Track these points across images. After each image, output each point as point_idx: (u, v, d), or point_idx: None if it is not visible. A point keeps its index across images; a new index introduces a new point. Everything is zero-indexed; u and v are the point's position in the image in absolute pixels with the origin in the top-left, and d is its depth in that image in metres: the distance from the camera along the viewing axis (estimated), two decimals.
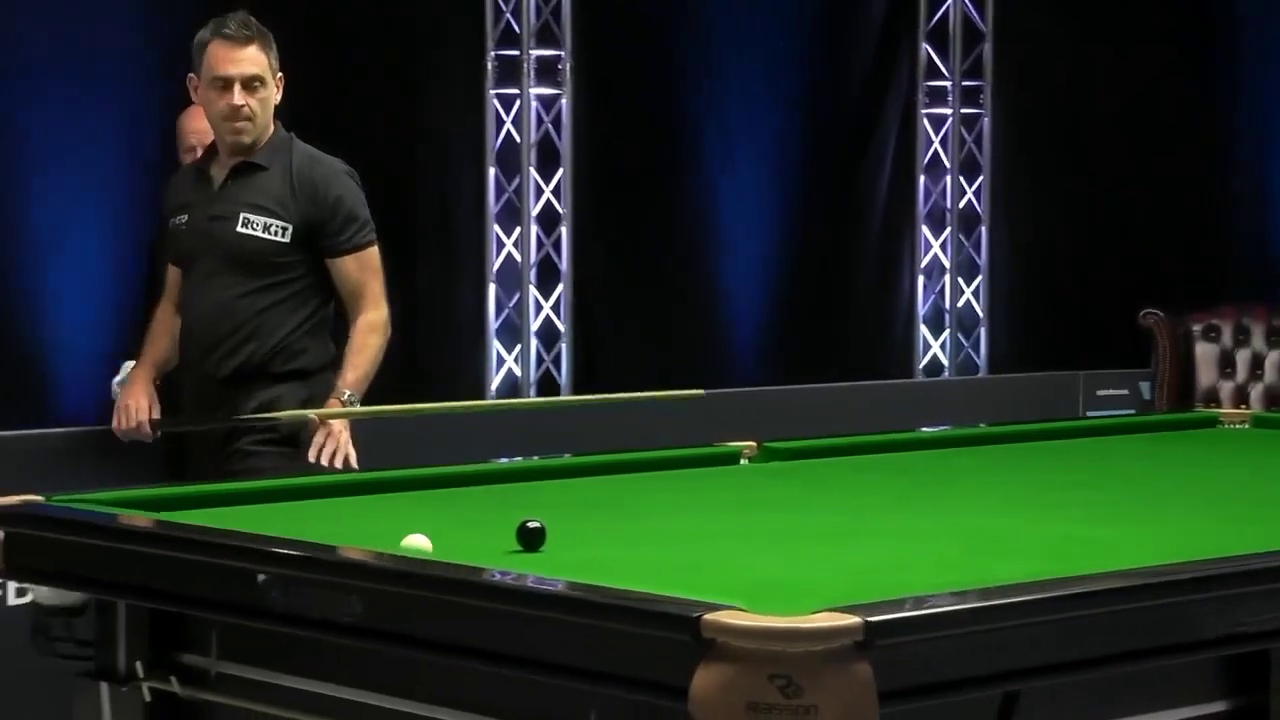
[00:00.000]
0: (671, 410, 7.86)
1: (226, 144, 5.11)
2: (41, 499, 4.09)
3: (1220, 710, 3.46)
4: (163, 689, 3.89)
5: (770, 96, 9.08)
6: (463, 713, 3.39)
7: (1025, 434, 5.72)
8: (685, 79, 8.90)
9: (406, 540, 3.68)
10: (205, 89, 5.04)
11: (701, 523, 4.15)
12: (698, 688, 2.81)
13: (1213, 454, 5.45)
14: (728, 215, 8.96)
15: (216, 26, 5.07)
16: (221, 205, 5.10)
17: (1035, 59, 9.58)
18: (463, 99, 8.36)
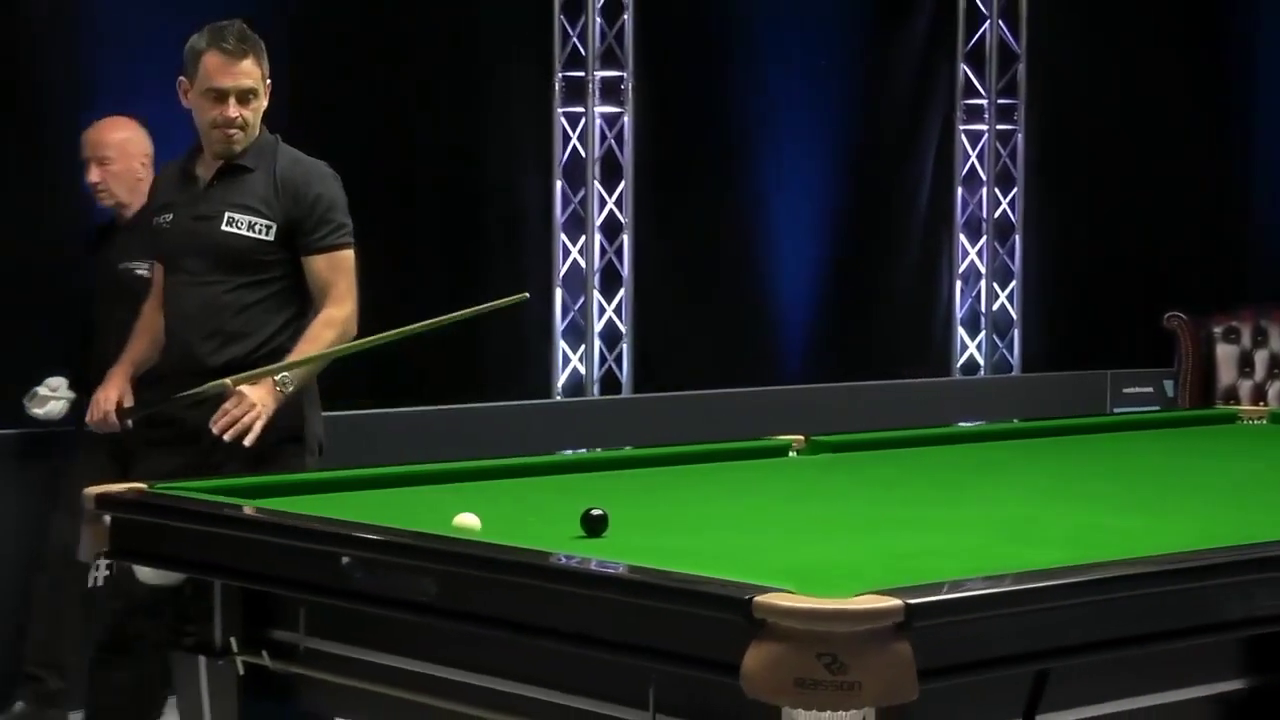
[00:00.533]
0: (726, 406, 7.86)
1: (215, 150, 4.91)
2: (145, 487, 4.12)
3: (1239, 689, 3.44)
4: (255, 662, 3.91)
5: (817, 114, 9.07)
6: (530, 686, 3.39)
7: (1056, 429, 5.70)
8: (738, 98, 8.89)
9: (457, 519, 3.70)
10: (199, 97, 4.84)
11: (753, 511, 4.15)
12: (749, 665, 2.81)
13: (1232, 448, 5.43)
14: (777, 224, 8.95)
15: (213, 37, 4.84)
16: (207, 205, 4.90)
17: (1065, 78, 9.56)
18: (532, 116, 8.37)
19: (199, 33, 4.87)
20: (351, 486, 4.26)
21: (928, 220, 9.49)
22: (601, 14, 8.37)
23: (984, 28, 9.49)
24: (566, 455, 4.97)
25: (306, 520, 3.76)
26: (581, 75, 8.39)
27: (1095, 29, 9.54)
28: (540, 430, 7.24)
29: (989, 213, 9.56)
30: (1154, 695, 3.32)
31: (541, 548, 3.35)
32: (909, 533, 3.79)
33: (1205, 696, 3.39)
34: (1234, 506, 4.16)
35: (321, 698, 3.86)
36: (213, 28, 4.85)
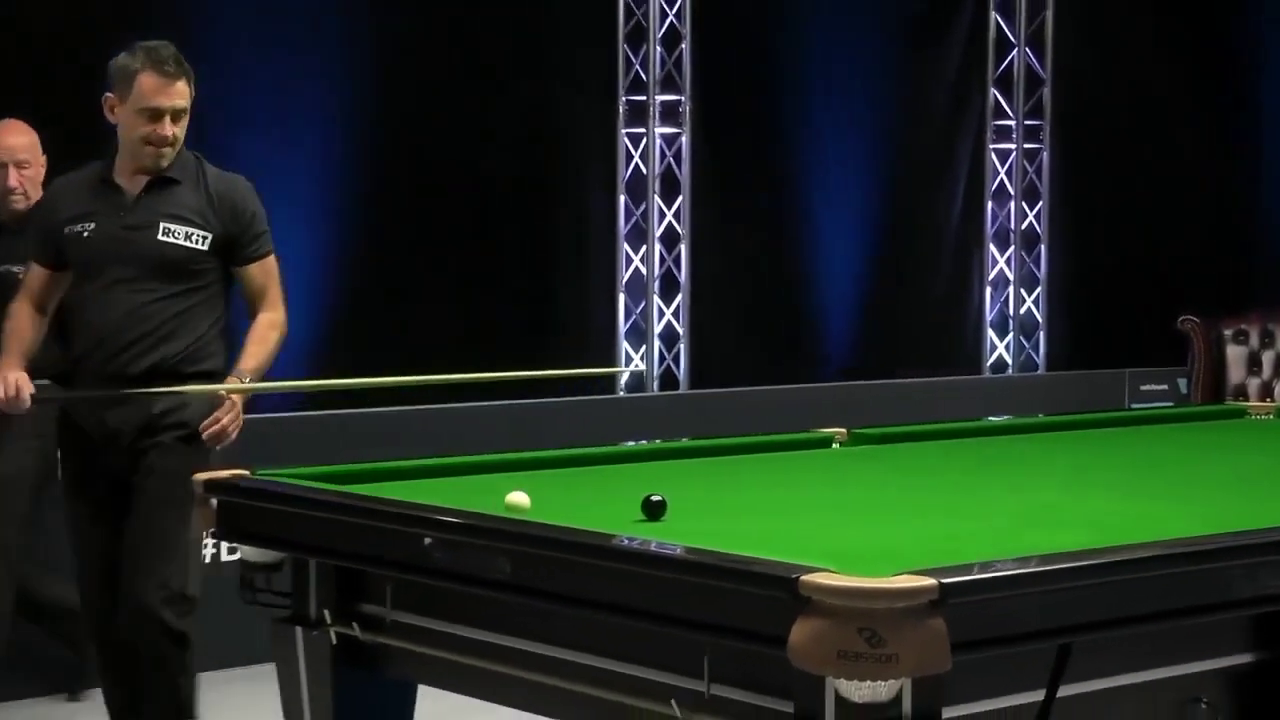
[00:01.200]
0: (774, 401, 7.85)
1: (145, 165, 4.62)
2: (248, 473, 4.14)
3: (1247, 662, 3.42)
4: (346, 633, 3.92)
5: (859, 134, 9.06)
6: (594, 656, 3.40)
7: (1078, 423, 5.67)
8: (786, 119, 8.88)
9: (509, 497, 3.70)
10: (131, 114, 4.54)
11: (799, 497, 4.15)
12: (795, 638, 2.81)
13: (1241, 442, 5.39)
14: (823, 236, 8.95)
15: (149, 58, 4.54)
16: (138, 215, 4.63)
17: (1087, 101, 9.54)
18: (598, 137, 8.39)
19: (129, 53, 4.57)
20: (434, 474, 4.27)
21: (960, 232, 9.48)
22: (661, 43, 8.38)
23: (1012, 55, 9.46)
24: (629, 446, 4.97)
25: (393, 505, 3.77)
26: (643, 99, 8.40)
27: (1115, 55, 9.51)
28: (605, 423, 7.24)
29: (1016, 225, 9.54)
30: (1168, 668, 3.30)
31: (606, 530, 3.36)
32: (942, 517, 3.78)
33: (1215, 670, 3.38)
34: (1242, 494, 4.14)
35: (406, 666, 3.87)
36: (145, 49, 4.57)
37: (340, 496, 3.92)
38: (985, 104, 9.48)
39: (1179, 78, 9.55)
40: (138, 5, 7.02)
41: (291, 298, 7.15)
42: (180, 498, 4.49)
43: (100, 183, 4.66)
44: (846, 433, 5.06)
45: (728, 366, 8.54)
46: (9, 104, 6.59)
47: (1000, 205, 9.55)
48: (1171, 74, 9.54)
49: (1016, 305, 9.57)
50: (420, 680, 3.97)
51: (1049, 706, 3.03)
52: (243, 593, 4.10)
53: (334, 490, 3.99)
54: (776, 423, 5.76)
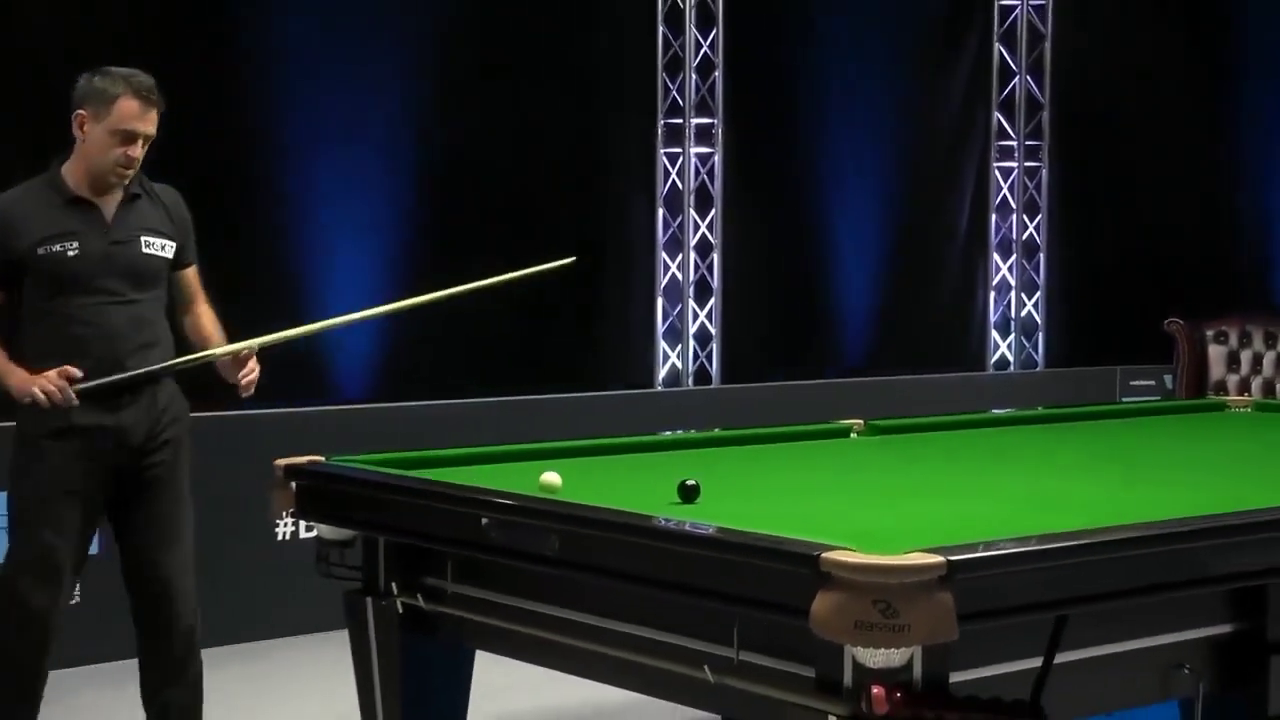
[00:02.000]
0: (797, 395, 7.85)
1: (110, 182, 4.35)
2: (323, 459, 4.15)
3: (1226, 632, 3.40)
4: (411, 603, 3.93)
5: (874, 153, 9.04)
6: (634, 625, 3.40)
7: (1073, 415, 5.66)
8: (808, 139, 8.87)
9: (543, 476, 3.70)
10: (104, 134, 4.27)
11: (820, 482, 4.14)
12: (816, 609, 2.80)
13: (1221, 432, 5.36)
14: (841, 244, 8.93)
15: (129, 83, 4.29)
16: (119, 231, 4.37)
17: (1083, 124, 9.49)
18: (639, 156, 8.40)
19: (105, 75, 4.30)
20: (489, 461, 4.28)
21: (966, 241, 9.46)
22: (696, 72, 8.38)
23: (1014, 82, 9.43)
24: (666, 435, 4.97)
25: (453, 488, 3.78)
26: (679, 122, 8.40)
27: (1108, 83, 9.47)
28: (645, 415, 7.25)
29: (1018, 235, 9.51)
30: (1155, 638, 3.29)
31: (645, 511, 3.36)
32: (950, 501, 3.77)
33: (1197, 639, 3.36)
34: (1222, 480, 4.12)
35: (464, 633, 3.88)
36: (124, 75, 4.30)
37: (406, 480, 3.93)
38: (989, 126, 9.45)
39: (1166, 104, 9.51)
40: (211, 34, 7.04)
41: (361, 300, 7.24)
42: (187, 488, 4.55)
43: (68, 202, 4.35)
44: (863, 424, 5.05)
45: (756, 363, 8.54)
46: None
47: (1003, 217, 9.52)
48: (1159, 101, 9.50)
49: (1018, 308, 9.54)
50: (477, 646, 3.98)
51: (1047, 672, 3.02)
52: (318, 566, 4.11)
53: (400, 475, 4.00)
54: (799, 414, 5.75)
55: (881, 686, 2.81)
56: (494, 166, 7.77)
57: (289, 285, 7.16)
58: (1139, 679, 3.29)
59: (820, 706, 2.92)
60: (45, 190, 4.35)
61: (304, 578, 4.59)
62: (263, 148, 7.09)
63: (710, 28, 8.41)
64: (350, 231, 7.33)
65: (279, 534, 6.24)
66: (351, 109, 7.31)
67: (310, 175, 7.21)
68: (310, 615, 6.09)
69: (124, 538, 4.52)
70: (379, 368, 7.39)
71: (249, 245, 6.99)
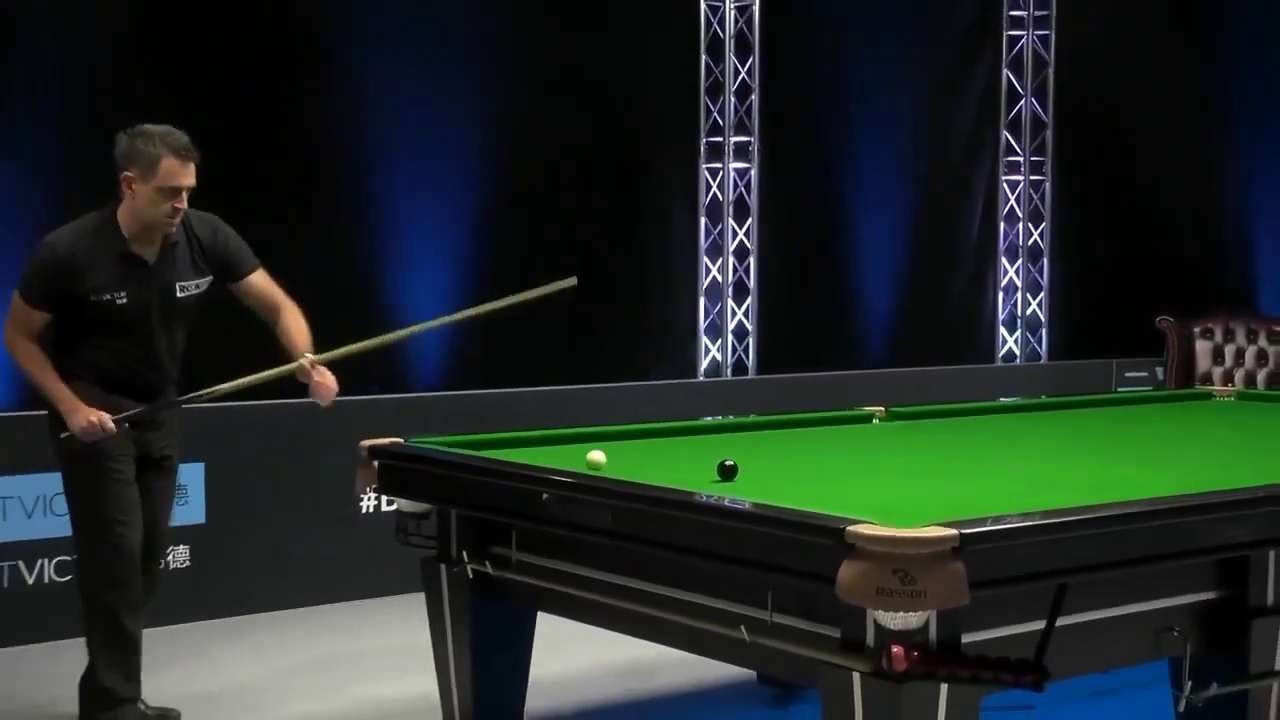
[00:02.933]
0: (825, 384, 7.81)
1: (156, 232, 4.34)
2: (402, 441, 4.16)
3: (1212, 598, 3.38)
4: (480, 569, 3.94)
5: (894, 168, 8.99)
6: (678, 590, 3.40)
7: (1074, 403, 5.63)
8: (834, 157, 8.83)
9: (590, 455, 3.69)
10: (152, 192, 4.25)
11: (846, 463, 4.13)
12: (842, 576, 2.80)
13: (1207, 419, 5.32)
14: (865, 251, 8.89)
15: (167, 144, 4.26)
16: (160, 280, 4.38)
17: (1081, 142, 9.43)
18: (683, 171, 8.37)
19: (144, 138, 4.27)
20: (548, 443, 4.29)
21: (977, 247, 9.40)
22: (735, 95, 8.35)
23: (1020, 104, 9.37)
24: (707, 421, 4.97)
25: (518, 467, 3.79)
26: (719, 140, 8.38)
27: (1106, 106, 9.41)
28: (688, 402, 7.23)
29: (1023, 241, 9.45)
30: (1147, 603, 3.27)
31: (689, 488, 3.36)
32: (963, 480, 3.76)
33: (1186, 604, 3.34)
34: (1208, 461, 4.09)
35: (527, 596, 3.89)
36: (160, 135, 4.27)
37: (475, 460, 3.94)
38: (998, 143, 9.40)
39: (1159, 128, 9.44)
40: (305, 59, 7.06)
41: (431, 302, 7.28)
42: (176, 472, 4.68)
43: (120, 257, 4.33)
44: (884, 410, 5.04)
45: (788, 356, 8.51)
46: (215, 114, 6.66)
47: (1010, 225, 9.46)
48: (1153, 125, 9.43)
49: (1023, 307, 9.48)
50: (538, 608, 3.99)
51: (1049, 634, 3.00)
52: (398, 536, 4.14)
53: (470, 454, 4.01)
54: (827, 402, 5.74)
55: (900, 646, 2.81)
56: (555, 179, 7.77)
57: (369, 286, 7.19)
58: (1132, 641, 3.27)
59: (845, 663, 2.91)
60: (102, 239, 4.34)
61: (385, 546, 4.62)
62: (345, 158, 7.12)
63: (748, 56, 8.39)
64: (426, 234, 7.35)
65: (363, 507, 6.26)
66: (428, 126, 7.32)
67: (389, 184, 7.23)
68: (391, 580, 6.11)
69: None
70: (452, 359, 7.41)
71: (328, 248, 7.02)
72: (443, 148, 7.37)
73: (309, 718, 4.70)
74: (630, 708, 4.76)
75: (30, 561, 5.61)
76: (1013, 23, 9.36)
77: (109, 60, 6.39)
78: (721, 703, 4.75)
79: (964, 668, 2.83)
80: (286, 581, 6.08)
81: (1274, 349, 8.31)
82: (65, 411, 4.31)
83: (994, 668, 2.85)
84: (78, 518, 4.45)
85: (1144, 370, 8.82)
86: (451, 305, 7.31)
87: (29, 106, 6.23)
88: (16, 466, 5.56)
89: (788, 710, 4.66)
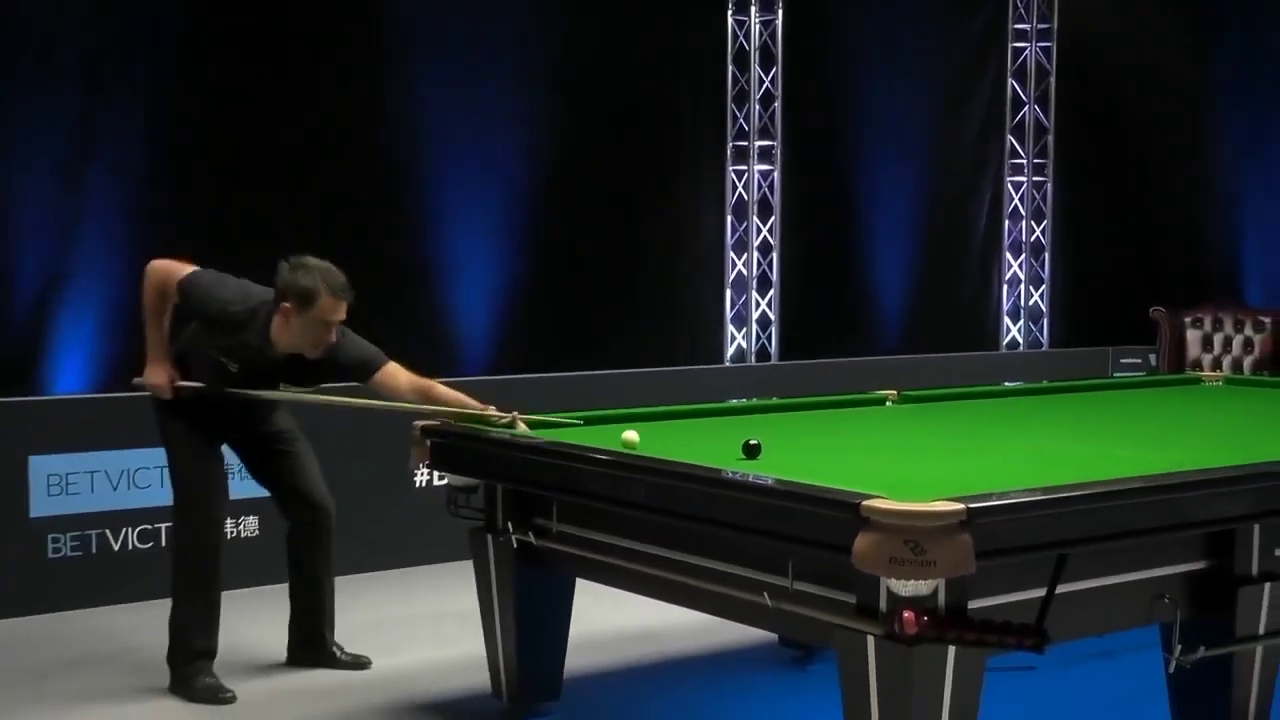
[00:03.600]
0: (842, 369, 7.79)
1: (300, 350, 4.33)
2: (453, 421, 4.17)
3: (1201, 568, 3.36)
4: (523, 539, 3.95)
5: (908, 170, 8.96)
6: (706, 559, 3.40)
7: (1073, 387, 5.60)
8: (852, 159, 8.80)
9: (624, 434, 3.69)
10: (307, 322, 4.24)
11: (860, 442, 4.12)
12: (858, 547, 2.79)
13: (1196, 402, 5.29)
14: (879, 246, 8.86)
15: (326, 282, 4.24)
16: (279, 372, 4.43)
17: (1081, 147, 9.38)
18: (711, 173, 8.36)
19: (306, 272, 4.25)
20: (586, 424, 4.29)
21: (984, 243, 9.36)
22: (759, 103, 8.33)
23: (1024, 111, 9.32)
24: (733, 403, 4.96)
25: (558, 445, 3.79)
26: (745, 144, 8.36)
27: (1105, 114, 9.37)
28: (715, 386, 7.22)
29: (1027, 238, 9.40)
30: (1141, 572, 3.26)
31: (716, 465, 3.35)
32: (970, 458, 3.74)
33: (1176, 574, 3.32)
34: (1197, 441, 4.06)
35: (567, 564, 3.89)
36: (322, 272, 4.26)
37: (520, 438, 3.95)
38: (1004, 147, 9.35)
39: (1152, 133, 9.38)
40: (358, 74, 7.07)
41: (481, 298, 7.31)
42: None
43: (259, 346, 4.35)
44: (897, 393, 5.03)
45: (807, 343, 8.49)
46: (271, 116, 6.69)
47: (1014, 223, 9.41)
48: (1146, 130, 9.37)
49: (1026, 298, 9.43)
50: (577, 575, 4.00)
51: (1049, 600, 2.99)
52: (448, 508, 4.15)
53: (514, 435, 4.01)
54: (843, 386, 5.73)
55: (911, 611, 2.80)
56: (593, 182, 7.77)
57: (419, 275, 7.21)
58: (1127, 607, 3.25)
59: (860, 627, 2.91)
60: (253, 328, 4.34)
61: (437, 518, 4.63)
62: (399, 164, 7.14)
63: (771, 67, 8.36)
64: (478, 229, 7.37)
65: (417, 482, 6.28)
66: (482, 138, 7.34)
67: (440, 182, 7.25)
68: (442, 548, 6.13)
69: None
70: (498, 347, 7.43)
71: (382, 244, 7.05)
72: (492, 151, 7.39)
73: (369, 673, 4.72)
74: (661, 667, 4.77)
75: (116, 530, 5.65)
76: (1017, 35, 9.31)
77: (188, 69, 6.43)
78: (746, 663, 4.75)
79: (970, 631, 2.82)
80: (347, 549, 6.09)
81: (1259, 337, 8.25)
82: (149, 356, 4.40)
83: (998, 631, 2.84)
84: (176, 490, 4.54)
85: (1138, 357, 8.76)
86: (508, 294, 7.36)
87: (115, 114, 6.27)
88: (103, 443, 5.60)
89: (807, 670, 4.66)
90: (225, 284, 4.40)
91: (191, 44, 6.44)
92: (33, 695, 4.51)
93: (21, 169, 6.02)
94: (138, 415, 5.64)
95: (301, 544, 4.75)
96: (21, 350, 6.01)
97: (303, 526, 4.72)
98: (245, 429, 4.63)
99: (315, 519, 4.69)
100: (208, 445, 4.53)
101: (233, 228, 6.38)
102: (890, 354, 8.64)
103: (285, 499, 4.71)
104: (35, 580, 5.48)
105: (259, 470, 4.73)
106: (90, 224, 6.19)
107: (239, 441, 4.69)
